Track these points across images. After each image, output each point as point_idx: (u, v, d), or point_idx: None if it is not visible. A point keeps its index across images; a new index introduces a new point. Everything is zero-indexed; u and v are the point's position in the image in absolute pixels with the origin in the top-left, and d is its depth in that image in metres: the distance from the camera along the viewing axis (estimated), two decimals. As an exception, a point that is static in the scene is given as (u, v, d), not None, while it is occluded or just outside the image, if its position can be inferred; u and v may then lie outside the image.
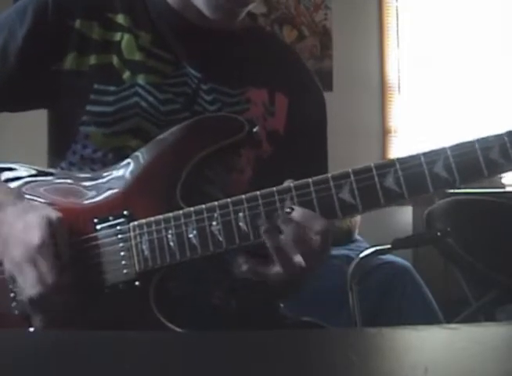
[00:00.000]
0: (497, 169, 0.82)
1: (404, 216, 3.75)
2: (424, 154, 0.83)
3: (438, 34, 3.98)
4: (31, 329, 0.92)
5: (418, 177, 0.83)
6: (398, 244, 1.77)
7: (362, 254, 1.82)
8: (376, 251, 1.81)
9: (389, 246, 1.76)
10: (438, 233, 1.94)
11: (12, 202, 0.94)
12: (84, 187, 0.96)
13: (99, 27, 1.03)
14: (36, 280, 0.87)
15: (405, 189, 0.84)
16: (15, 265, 0.88)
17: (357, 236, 3.15)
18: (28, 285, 0.87)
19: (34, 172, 1.00)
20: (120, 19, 1.04)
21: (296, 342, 0.69)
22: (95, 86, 1.00)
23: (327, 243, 0.87)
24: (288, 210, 0.85)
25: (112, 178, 0.95)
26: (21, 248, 0.88)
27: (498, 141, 0.82)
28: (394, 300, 2.53)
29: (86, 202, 0.95)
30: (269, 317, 1.06)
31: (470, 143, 0.82)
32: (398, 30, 4.04)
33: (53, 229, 0.89)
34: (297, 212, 0.85)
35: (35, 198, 0.96)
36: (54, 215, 0.90)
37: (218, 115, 1.03)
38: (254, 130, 0.95)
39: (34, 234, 0.88)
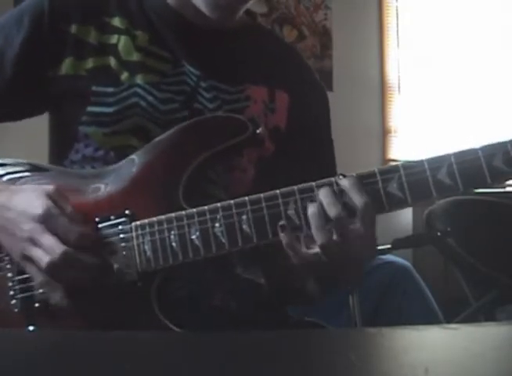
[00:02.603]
0: (500, 177, 0.82)
1: (404, 216, 3.75)
2: (428, 161, 0.83)
3: (438, 34, 3.98)
4: (31, 328, 0.92)
5: (422, 183, 0.83)
6: (398, 244, 1.78)
7: (362, 254, 1.81)
8: (376, 251, 1.81)
9: (389, 246, 1.76)
10: (438, 233, 1.95)
11: (2, 187, 0.95)
12: (85, 185, 0.96)
13: (96, 31, 1.03)
14: (55, 242, 0.86)
15: (409, 195, 0.84)
16: (27, 240, 0.88)
17: (357, 237, 3.15)
18: (50, 249, 0.86)
19: (29, 167, 0.99)
20: (117, 21, 1.04)
21: (296, 342, 0.69)
22: (94, 88, 1.01)
23: (368, 223, 0.84)
24: (340, 177, 0.85)
25: (113, 177, 0.95)
26: (28, 223, 0.88)
27: (501, 148, 0.82)
28: (394, 300, 2.53)
29: (87, 200, 0.94)
30: (271, 317, 1.06)
31: (474, 150, 0.83)
32: (398, 30, 4.04)
33: (53, 198, 0.89)
34: (347, 180, 0.84)
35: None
36: (49, 187, 0.91)
37: (222, 115, 1.03)
38: (258, 131, 0.95)
39: (37, 206, 0.88)
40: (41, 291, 0.91)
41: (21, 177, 0.98)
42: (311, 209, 0.84)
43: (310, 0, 3.97)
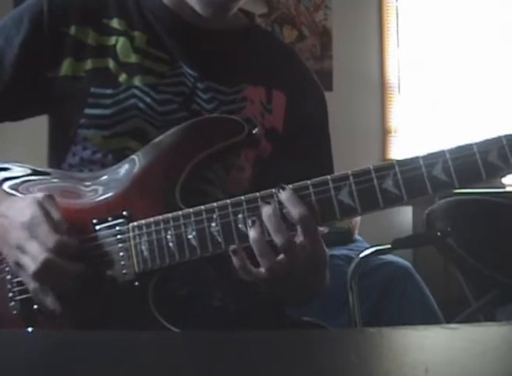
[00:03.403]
0: (496, 172, 0.82)
1: (404, 216, 3.75)
2: (423, 157, 0.83)
3: (438, 34, 3.98)
4: (29, 329, 0.92)
5: (417, 180, 0.83)
6: (398, 244, 1.77)
7: (362, 254, 1.81)
8: (376, 251, 1.81)
9: (389, 246, 1.76)
10: (438, 233, 1.95)
11: (2, 198, 0.95)
12: (83, 187, 0.96)
13: (94, 32, 1.03)
14: (39, 250, 0.86)
15: (404, 192, 0.84)
16: (16, 248, 0.88)
17: (357, 236, 3.15)
18: (33, 257, 0.86)
19: (29, 172, 1.00)
20: (115, 23, 1.05)
21: (296, 342, 0.69)
22: (92, 90, 1.01)
23: (311, 235, 0.85)
24: (280, 190, 0.85)
25: (111, 179, 0.95)
26: (16, 230, 0.89)
27: (496, 144, 0.81)
28: (394, 300, 2.53)
29: (85, 202, 0.95)
30: (270, 317, 1.06)
31: (469, 146, 0.82)
32: (398, 30, 4.04)
33: (42, 204, 0.89)
34: (286, 193, 0.85)
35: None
36: (40, 194, 0.91)
37: (218, 116, 1.03)
38: (254, 131, 0.95)
39: (25, 213, 0.89)
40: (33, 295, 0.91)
41: (24, 181, 0.98)
42: (253, 234, 0.85)
43: (310, 0, 3.97)
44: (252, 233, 0.85)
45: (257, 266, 0.86)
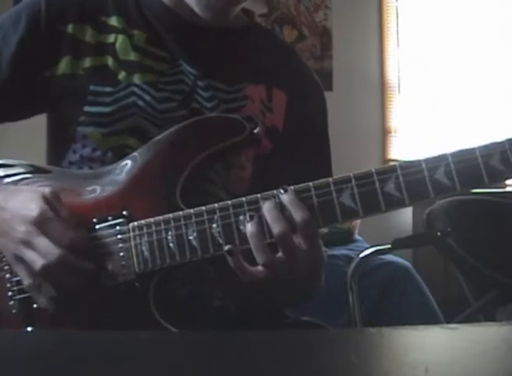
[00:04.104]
0: (498, 176, 0.82)
1: (404, 216, 3.75)
2: (425, 160, 0.83)
3: (438, 34, 3.98)
4: (29, 328, 0.92)
5: (419, 183, 0.83)
6: (398, 244, 1.77)
7: (362, 254, 1.81)
8: (376, 251, 1.81)
9: (389, 246, 1.76)
10: (438, 233, 1.94)
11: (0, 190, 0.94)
12: (83, 186, 0.96)
13: (93, 30, 1.03)
14: (50, 245, 0.86)
15: (406, 195, 0.83)
16: (20, 242, 0.87)
17: (357, 236, 3.16)
18: (43, 253, 0.86)
19: (30, 169, 0.99)
20: (114, 21, 1.04)
21: (296, 342, 0.69)
22: (91, 88, 1.01)
23: (311, 239, 0.85)
24: (281, 191, 0.85)
25: (111, 178, 0.95)
26: (23, 225, 0.87)
27: (499, 148, 0.81)
28: (394, 300, 2.53)
29: (85, 201, 0.94)
30: (269, 317, 1.06)
31: (471, 150, 0.82)
32: (398, 30, 4.04)
33: (49, 200, 0.89)
34: (288, 195, 0.85)
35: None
36: (45, 189, 0.91)
37: (219, 115, 1.02)
38: (255, 131, 0.95)
39: (32, 208, 0.88)
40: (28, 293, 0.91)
41: (23, 178, 0.98)
42: (250, 228, 0.85)
43: (310, 0, 3.97)
44: (250, 227, 0.85)
45: (254, 265, 0.86)
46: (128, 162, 0.95)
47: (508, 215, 2.74)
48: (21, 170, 0.99)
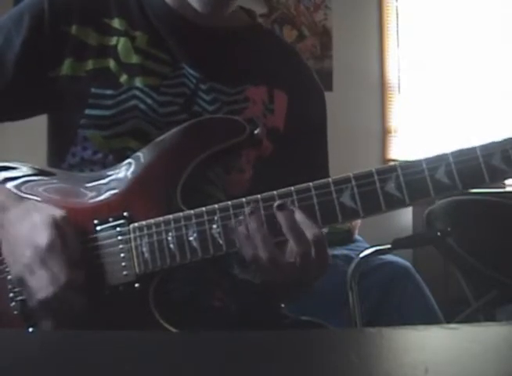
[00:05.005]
0: (499, 175, 0.82)
1: (404, 216, 3.75)
2: (426, 160, 0.83)
3: (438, 34, 3.98)
4: (30, 329, 0.92)
5: (420, 183, 0.83)
6: (398, 244, 1.77)
7: (362, 254, 1.81)
8: (376, 251, 1.81)
9: (389, 246, 1.76)
10: (438, 233, 1.94)
11: (14, 204, 0.93)
12: (84, 188, 0.96)
13: (95, 32, 1.03)
14: (49, 281, 0.86)
15: (407, 195, 0.83)
16: (25, 266, 0.87)
17: (357, 236, 3.15)
18: (41, 286, 0.86)
19: (33, 172, 0.99)
20: (116, 23, 1.04)
21: (296, 342, 0.69)
22: (93, 90, 1.00)
23: (323, 254, 0.86)
24: (291, 207, 0.85)
25: (112, 179, 0.95)
26: (30, 250, 0.87)
27: (500, 147, 0.81)
28: (394, 300, 2.53)
29: (86, 202, 0.94)
30: (269, 317, 1.06)
31: (472, 149, 0.82)
32: (398, 30, 4.04)
33: (60, 229, 0.88)
34: (299, 214, 0.85)
35: (34, 198, 0.95)
36: (58, 213, 0.90)
37: (219, 117, 1.02)
38: (256, 132, 0.95)
39: (42, 235, 0.87)
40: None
41: (26, 181, 0.98)
42: (284, 220, 0.85)
43: (310, 0, 3.97)
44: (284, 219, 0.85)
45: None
46: (130, 164, 0.95)
47: (508, 215, 2.74)
48: (22, 173, 0.99)
